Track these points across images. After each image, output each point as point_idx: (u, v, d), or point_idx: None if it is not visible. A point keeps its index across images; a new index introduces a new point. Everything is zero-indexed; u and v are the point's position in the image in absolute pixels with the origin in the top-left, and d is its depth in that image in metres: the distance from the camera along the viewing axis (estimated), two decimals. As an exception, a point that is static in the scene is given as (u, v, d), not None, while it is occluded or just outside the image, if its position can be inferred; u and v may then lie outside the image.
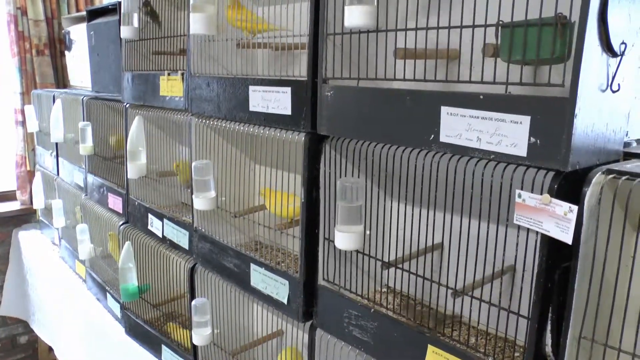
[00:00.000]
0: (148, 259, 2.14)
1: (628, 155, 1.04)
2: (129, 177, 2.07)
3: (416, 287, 1.19)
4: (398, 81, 1.13)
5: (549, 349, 0.95)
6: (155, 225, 2.05)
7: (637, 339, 0.84)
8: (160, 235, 2.02)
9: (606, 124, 0.94)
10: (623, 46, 0.91)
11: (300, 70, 1.31)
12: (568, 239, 0.87)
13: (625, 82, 0.97)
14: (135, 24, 1.95)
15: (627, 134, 1.07)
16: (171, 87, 1.81)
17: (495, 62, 0.97)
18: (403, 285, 1.37)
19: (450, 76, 1.19)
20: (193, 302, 1.75)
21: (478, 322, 1.20)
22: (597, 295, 0.91)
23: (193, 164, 1.61)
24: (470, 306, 1.10)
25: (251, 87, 1.42)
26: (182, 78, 1.74)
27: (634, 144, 1.12)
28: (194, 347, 1.87)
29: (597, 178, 0.87)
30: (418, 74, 1.08)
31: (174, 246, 1.95)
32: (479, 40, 1.00)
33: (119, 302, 2.37)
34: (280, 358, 1.70)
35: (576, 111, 0.84)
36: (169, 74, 1.81)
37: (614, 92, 0.93)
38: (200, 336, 1.75)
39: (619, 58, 0.92)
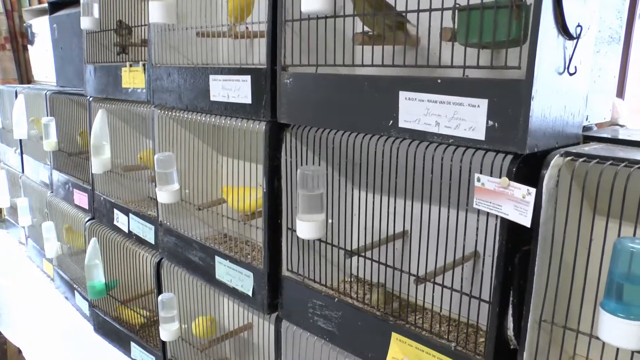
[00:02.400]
0: (115, 255, 2.10)
1: (588, 139, 1.04)
2: (93, 172, 2.02)
3: (379, 275, 1.18)
4: (358, 67, 1.11)
5: (510, 332, 0.95)
6: (121, 220, 2.01)
7: (594, 321, 0.84)
8: (127, 231, 1.98)
9: (564, 107, 0.94)
10: (579, 29, 0.91)
11: (260, 58, 1.29)
12: (527, 221, 0.86)
13: (583, 65, 0.97)
14: (96, 14, 1.90)
15: (587, 118, 1.07)
16: (133, 78, 1.77)
17: (453, 46, 0.96)
18: (367, 274, 1.36)
19: (410, 61, 1.17)
20: (160, 297, 1.72)
21: (441, 308, 1.20)
22: (556, 278, 0.91)
23: (155, 156, 1.58)
24: (433, 293, 1.10)
25: (211, 77, 1.39)
26: (144, 69, 1.70)
27: (595, 128, 1.12)
28: (163, 342, 1.84)
29: (555, 160, 0.87)
30: (378, 60, 1.07)
31: (140, 241, 1.92)
32: (437, 24, 0.99)
33: (87, 300, 2.32)
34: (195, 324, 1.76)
35: (533, 93, 0.83)
36: (130, 65, 1.77)
37: (571, 74, 0.93)
38: (168, 331, 1.73)
39: (575, 41, 0.92)
